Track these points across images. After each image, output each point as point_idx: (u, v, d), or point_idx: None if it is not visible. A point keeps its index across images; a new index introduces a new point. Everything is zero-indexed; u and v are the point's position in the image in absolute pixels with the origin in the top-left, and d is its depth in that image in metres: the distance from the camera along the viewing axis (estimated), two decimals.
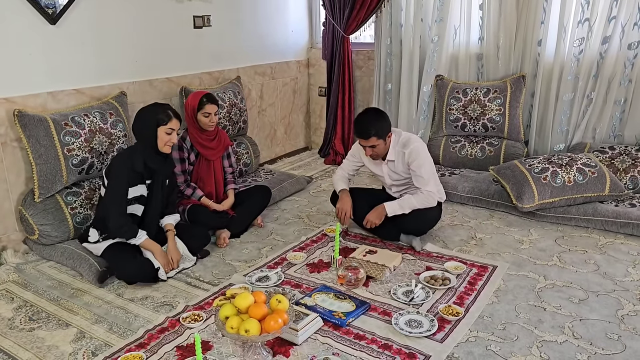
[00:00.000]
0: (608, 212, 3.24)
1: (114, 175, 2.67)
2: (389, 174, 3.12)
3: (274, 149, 5.11)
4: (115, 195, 2.67)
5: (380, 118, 2.94)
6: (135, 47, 3.58)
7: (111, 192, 2.67)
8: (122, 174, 2.66)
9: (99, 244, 2.77)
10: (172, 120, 2.70)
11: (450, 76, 4.46)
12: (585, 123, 3.95)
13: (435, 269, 2.79)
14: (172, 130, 2.71)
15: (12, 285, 2.73)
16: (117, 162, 2.70)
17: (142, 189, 2.76)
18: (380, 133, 2.90)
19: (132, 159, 2.70)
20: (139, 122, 2.72)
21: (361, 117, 2.97)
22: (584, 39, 3.82)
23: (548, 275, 2.72)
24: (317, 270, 2.83)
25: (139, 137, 2.75)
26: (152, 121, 2.68)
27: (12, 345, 2.22)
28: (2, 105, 2.90)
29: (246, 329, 1.92)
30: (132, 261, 2.68)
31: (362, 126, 2.91)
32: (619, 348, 2.12)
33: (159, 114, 2.69)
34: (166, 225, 2.90)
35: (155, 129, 2.68)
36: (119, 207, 2.68)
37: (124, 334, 2.28)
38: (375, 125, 2.88)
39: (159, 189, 2.82)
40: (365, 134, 2.89)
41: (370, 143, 2.91)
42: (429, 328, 2.22)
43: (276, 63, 4.92)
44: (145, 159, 2.71)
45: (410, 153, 2.95)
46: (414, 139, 3.02)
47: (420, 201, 2.97)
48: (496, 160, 4.06)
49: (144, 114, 2.72)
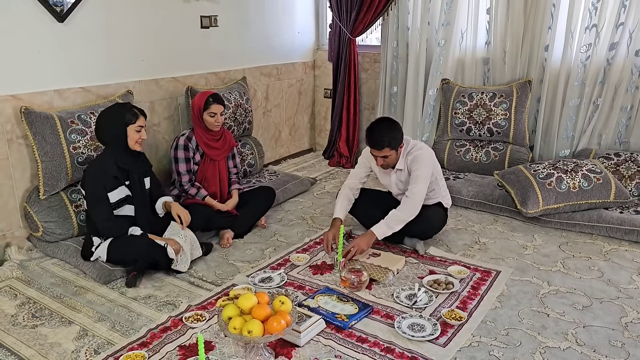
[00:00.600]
0: (613, 218, 3.23)
1: (89, 183, 2.71)
2: (396, 183, 3.09)
3: (278, 150, 5.11)
4: (95, 201, 2.70)
5: (394, 128, 2.87)
6: (142, 46, 3.59)
7: (90, 198, 2.72)
8: (96, 179, 2.69)
9: (102, 245, 2.76)
10: (139, 118, 2.75)
11: (456, 80, 4.45)
12: (591, 129, 3.94)
13: (438, 272, 2.78)
14: (141, 128, 2.75)
15: (15, 282, 2.74)
16: (89, 171, 2.75)
17: (125, 190, 2.79)
18: (394, 144, 2.86)
19: (102, 164, 2.73)
20: (105, 125, 2.74)
21: (374, 127, 2.89)
22: (591, 44, 3.81)
23: (552, 281, 2.71)
24: (320, 272, 2.83)
25: (107, 140, 2.77)
26: (120, 121, 2.71)
27: (15, 342, 2.22)
28: (9, 102, 2.91)
29: (249, 329, 1.92)
30: (140, 242, 2.70)
31: (375, 137, 2.85)
32: (623, 355, 2.11)
33: (126, 113, 2.72)
34: (165, 203, 2.96)
35: (124, 128, 2.71)
36: (103, 212, 2.71)
37: (127, 333, 2.28)
38: (389, 135, 2.83)
39: (138, 188, 2.83)
40: (379, 145, 2.84)
41: (383, 154, 2.87)
42: (432, 332, 2.22)
43: (282, 64, 4.92)
44: (116, 161, 2.73)
45: (414, 158, 2.93)
46: (420, 146, 2.98)
47: (406, 212, 2.88)
48: (501, 165, 4.05)
49: (110, 116, 2.74)
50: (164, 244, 2.72)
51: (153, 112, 3.72)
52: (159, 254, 2.71)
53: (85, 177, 2.75)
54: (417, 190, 2.88)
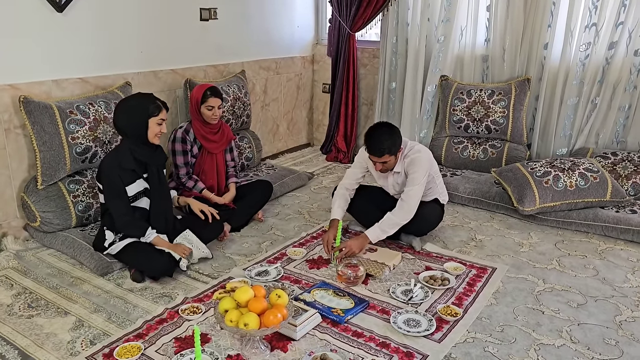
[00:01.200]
0: (609, 217, 3.24)
1: (105, 177, 2.60)
2: (393, 185, 3.09)
3: (276, 144, 5.11)
4: (112, 195, 2.61)
5: (394, 134, 2.83)
6: (141, 38, 3.57)
7: (108, 192, 2.62)
8: (112, 173, 2.59)
9: (115, 245, 2.70)
10: (162, 111, 2.65)
11: (455, 77, 4.45)
12: (588, 128, 3.95)
13: (434, 269, 2.79)
14: (162, 121, 2.66)
15: (11, 272, 2.74)
16: (105, 163, 2.62)
17: (143, 183, 2.70)
18: (393, 150, 2.83)
19: (118, 157, 2.62)
20: (126, 115, 2.61)
21: (373, 134, 2.83)
22: (590, 43, 3.82)
23: (547, 279, 2.72)
24: (317, 267, 2.83)
25: (126, 131, 2.64)
26: (142, 113, 2.60)
27: (11, 332, 2.22)
28: (7, 91, 2.90)
29: (245, 322, 1.93)
30: (159, 258, 2.63)
31: (375, 144, 2.81)
32: (617, 354, 2.13)
33: (149, 105, 2.61)
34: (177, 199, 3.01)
35: (146, 120, 2.60)
36: (120, 206, 2.62)
37: (123, 324, 2.28)
38: (388, 142, 2.80)
39: (156, 180, 2.75)
40: (379, 152, 2.81)
41: (382, 160, 2.84)
42: (427, 328, 2.23)
43: (281, 58, 4.91)
44: (133, 154, 2.63)
45: (410, 162, 2.91)
46: (418, 148, 2.95)
47: (401, 216, 2.88)
48: (498, 162, 4.06)
49: (132, 106, 2.63)
50: (178, 257, 2.67)
51: None
52: (172, 269, 2.67)
53: (101, 171, 2.62)
54: (412, 194, 2.87)
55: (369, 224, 2.95)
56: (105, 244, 2.71)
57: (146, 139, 2.64)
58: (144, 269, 2.66)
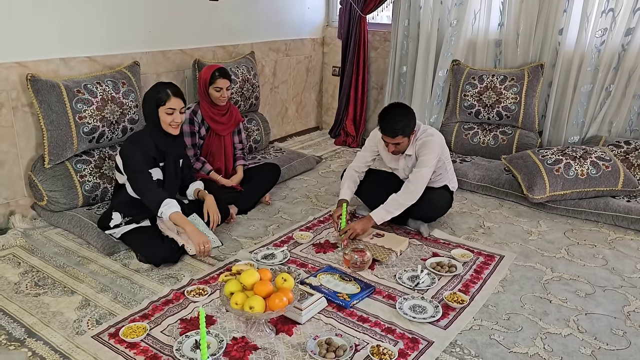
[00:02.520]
0: (620, 207, 3.20)
1: (128, 150, 2.56)
2: (404, 168, 3.06)
3: (284, 127, 5.08)
4: (135, 169, 2.55)
5: (409, 115, 2.80)
6: (149, 17, 3.54)
7: (134, 173, 2.56)
8: (136, 148, 2.56)
9: (120, 228, 2.68)
10: (170, 100, 2.55)
11: (467, 61, 4.39)
12: (602, 116, 3.89)
13: (441, 255, 2.78)
14: (172, 110, 2.56)
15: (19, 250, 2.75)
16: (128, 147, 2.58)
17: (158, 172, 2.67)
18: (407, 131, 2.81)
19: (141, 142, 2.59)
20: (144, 103, 2.64)
21: (388, 114, 2.81)
22: (606, 29, 3.73)
23: (555, 268, 2.70)
24: (323, 251, 2.82)
25: (146, 119, 2.66)
26: (152, 102, 2.57)
27: (17, 310, 2.23)
28: (14, 69, 2.88)
29: (251, 305, 1.93)
30: (160, 244, 2.61)
31: (389, 124, 2.78)
32: (624, 344, 2.11)
33: (158, 94, 2.56)
34: (196, 190, 2.86)
35: (156, 109, 2.57)
36: (146, 181, 2.56)
37: (129, 304, 2.29)
38: (403, 123, 2.77)
39: (172, 171, 2.72)
40: (392, 133, 2.78)
41: (395, 141, 2.82)
42: (433, 314, 2.22)
43: (291, 40, 4.86)
44: (154, 141, 2.61)
45: (422, 145, 2.88)
46: (430, 132, 2.92)
47: (407, 197, 2.85)
48: (509, 149, 4.01)
49: (147, 95, 2.62)
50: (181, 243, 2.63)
51: None
52: (175, 256, 2.65)
53: (124, 154, 2.57)
54: (420, 176, 2.85)
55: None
56: (111, 224, 2.69)
57: (162, 128, 2.61)
58: (146, 256, 2.63)
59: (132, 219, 2.69)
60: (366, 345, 2.02)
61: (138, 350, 1.98)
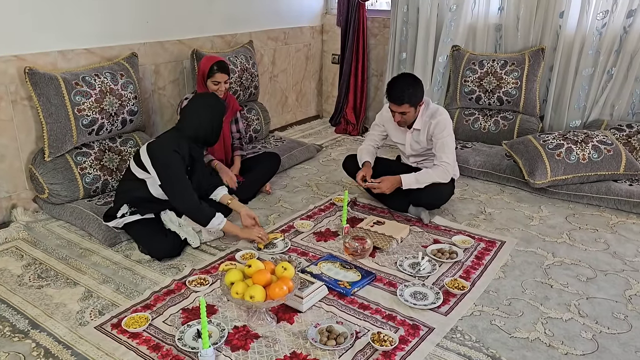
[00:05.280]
0: (622, 191, 3.19)
1: (163, 158, 2.50)
2: (411, 143, 3.07)
3: (284, 116, 5.07)
4: (176, 180, 2.52)
5: (416, 85, 2.86)
6: (147, 8, 3.51)
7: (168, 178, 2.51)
8: (177, 162, 2.51)
9: (125, 217, 2.65)
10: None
11: (467, 47, 4.35)
12: (603, 99, 3.86)
13: (442, 242, 2.78)
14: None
15: (21, 243, 2.76)
16: (169, 154, 2.51)
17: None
18: (414, 100, 2.84)
19: (181, 149, 2.54)
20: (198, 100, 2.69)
21: (396, 82, 2.87)
22: (608, 11, 3.69)
23: (557, 253, 2.70)
24: (324, 239, 2.82)
25: (188, 114, 2.63)
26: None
27: (21, 302, 2.25)
28: (13, 62, 2.88)
29: (251, 294, 1.94)
30: (163, 239, 2.61)
31: (396, 91, 2.83)
32: (625, 328, 2.11)
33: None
34: (223, 197, 2.80)
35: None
36: (187, 192, 2.53)
37: (131, 295, 2.30)
38: (409, 91, 2.82)
39: (197, 177, 2.70)
40: (399, 100, 2.83)
41: (401, 109, 2.85)
42: (434, 301, 2.22)
43: (290, 28, 4.83)
44: (190, 148, 2.60)
45: (438, 124, 2.91)
46: (442, 111, 2.97)
47: (439, 175, 2.93)
48: (510, 134, 4.00)
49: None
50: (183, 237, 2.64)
51: (158, 75, 3.67)
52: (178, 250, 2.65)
53: (166, 163, 2.50)
54: (447, 160, 2.93)
55: (383, 197, 3.07)
56: (118, 214, 2.65)
57: (209, 137, 2.66)
58: (147, 249, 2.64)
59: (136, 210, 2.68)
60: (367, 332, 2.03)
61: (140, 340, 1.99)
